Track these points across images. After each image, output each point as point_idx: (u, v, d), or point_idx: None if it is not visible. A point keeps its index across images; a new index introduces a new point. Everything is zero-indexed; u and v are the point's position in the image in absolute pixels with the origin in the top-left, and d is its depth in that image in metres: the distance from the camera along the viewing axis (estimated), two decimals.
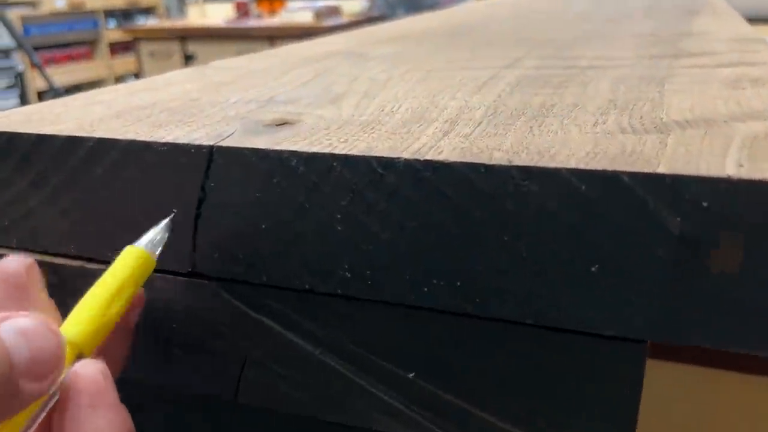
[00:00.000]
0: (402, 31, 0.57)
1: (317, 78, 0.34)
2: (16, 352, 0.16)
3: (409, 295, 0.20)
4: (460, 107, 0.25)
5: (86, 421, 0.17)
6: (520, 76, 0.31)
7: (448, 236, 0.19)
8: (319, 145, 0.21)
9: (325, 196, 0.20)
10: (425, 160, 0.19)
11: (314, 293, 0.22)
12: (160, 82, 0.34)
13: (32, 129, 0.25)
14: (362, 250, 0.21)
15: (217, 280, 0.23)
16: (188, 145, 0.22)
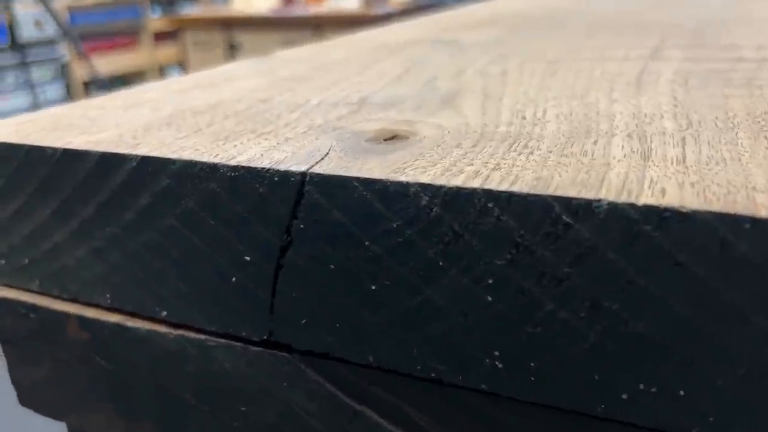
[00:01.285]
0: (488, 15, 0.50)
1: (410, 71, 0.27)
2: None
3: (595, 403, 0.14)
4: (632, 114, 0.18)
5: None
6: (680, 71, 0.24)
7: (674, 324, 0.12)
8: (462, 175, 0.14)
9: (473, 252, 0.14)
10: (645, 206, 0.12)
11: (444, 385, 0.15)
12: (219, 76, 0.28)
13: (58, 141, 0.18)
14: (526, 332, 0.14)
15: (301, 353, 0.17)
16: (270, 170, 0.15)
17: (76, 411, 0.22)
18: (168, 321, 0.18)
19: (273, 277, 0.16)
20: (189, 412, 0.19)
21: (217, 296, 0.17)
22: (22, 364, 0.22)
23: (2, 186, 0.20)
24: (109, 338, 0.19)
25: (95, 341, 0.20)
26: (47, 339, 0.21)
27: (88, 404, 0.21)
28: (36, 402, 0.22)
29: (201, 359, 0.18)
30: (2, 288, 0.21)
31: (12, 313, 0.21)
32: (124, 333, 0.19)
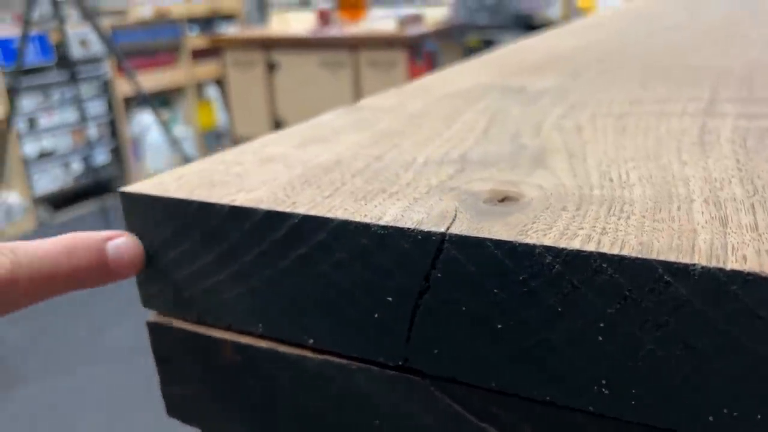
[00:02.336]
0: (545, 56, 0.53)
1: (493, 125, 0.31)
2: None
3: (688, 426, 0.17)
4: (704, 178, 0.22)
5: None
6: (737, 128, 0.27)
7: (753, 364, 0.16)
8: (577, 238, 0.17)
9: (588, 303, 0.17)
10: (732, 271, 0.15)
11: (556, 406, 0.19)
12: (325, 129, 0.31)
13: (224, 198, 0.22)
14: (628, 366, 0.17)
15: (432, 378, 0.20)
16: (414, 230, 0.19)
17: (219, 423, 0.25)
18: (314, 348, 0.22)
19: (411, 315, 0.20)
20: (327, 428, 0.23)
21: (359, 329, 0.21)
22: (175, 381, 0.26)
23: (171, 234, 0.24)
24: (260, 361, 0.23)
25: (247, 363, 0.24)
26: (202, 360, 0.25)
27: (232, 418, 0.25)
28: (182, 413, 0.26)
29: (342, 380, 0.22)
30: (164, 317, 0.25)
31: (171, 338, 0.25)
32: (274, 356, 0.23)
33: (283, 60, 2.56)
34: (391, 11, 2.67)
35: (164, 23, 3.67)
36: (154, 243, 0.24)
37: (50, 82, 3.07)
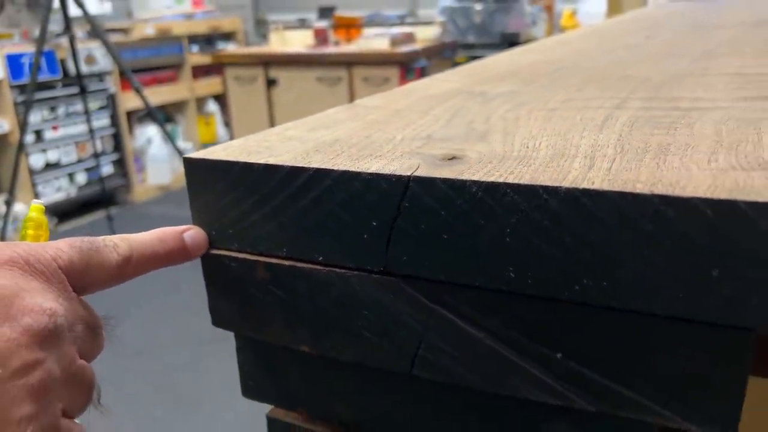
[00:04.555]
0: (507, 69, 0.64)
1: (455, 117, 0.41)
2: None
3: (562, 292, 0.27)
4: (592, 145, 0.32)
5: None
6: (631, 117, 0.37)
7: (597, 248, 0.26)
8: (494, 175, 0.27)
9: (498, 216, 0.27)
10: (583, 189, 0.25)
11: (482, 289, 0.28)
12: (328, 121, 0.41)
13: (260, 159, 0.32)
14: (525, 257, 0.27)
15: (401, 276, 0.30)
16: (390, 175, 0.29)
17: (255, 326, 0.35)
18: (322, 263, 0.32)
19: (388, 235, 0.30)
20: (331, 319, 0.32)
21: (353, 247, 0.31)
22: (220, 296, 0.35)
23: (220, 188, 0.33)
24: (283, 275, 0.33)
25: (274, 278, 0.33)
26: (241, 279, 0.34)
27: (265, 321, 0.35)
28: (225, 322, 0.36)
29: (341, 284, 0.31)
30: (212, 249, 0.35)
31: (217, 264, 0.35)
32: (294, 271, 0.32)
33: (282, 76, 2.67)
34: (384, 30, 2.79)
35: (166, 41, 3.79)
36: (209, 195, 0.34)
37: (56, 96, 3.17)
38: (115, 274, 0.30)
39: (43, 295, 0.26)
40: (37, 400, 0.24)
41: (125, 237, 0.32)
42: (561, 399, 0.29)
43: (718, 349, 0.25)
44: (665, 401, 0.27)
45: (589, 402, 0.28)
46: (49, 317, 0.25)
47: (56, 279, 0.27)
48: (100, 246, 0.30)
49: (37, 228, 0.32)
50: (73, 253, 0.28)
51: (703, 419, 0.26)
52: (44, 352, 0.25)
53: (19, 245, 0.27)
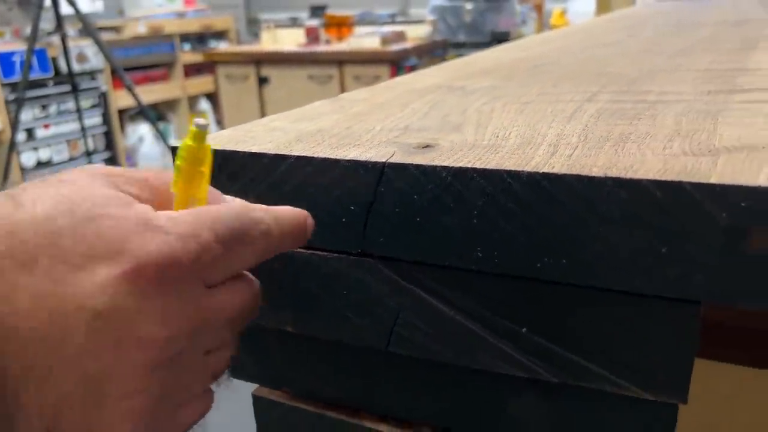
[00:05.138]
0: (489, 65, 0.65)
1: (433, 110, 0.43)
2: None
3: (526, 271, 0.29)
4: (558, 134, 0.33)
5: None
6: (599, 109, 0.39)
7: (557, 228, 0.27)
8: (461, 162, 0.29)
9: (466, 199, 0.29)
10: (543, 173, 0.27)
11: (454, 269, 0.30)
12: (312, 113, 0.43)
13: (242, 148, 0.34)
14: (492, 237, 0.29)
15: (378, 257, 0.32)
16: (366, 161, 0.31)
17: None
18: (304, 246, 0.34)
19: (365, 219, 0.31)
20: (313, 299, 0.34)
21: (333, 230, 0.32)
22: None
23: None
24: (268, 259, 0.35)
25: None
26: None
27: None
28: None
29: (324, 265, 0.33)
30: None
31: None
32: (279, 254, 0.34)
33: (273, 74, 2.69)
34: (375, 29, 2.81)
35: (158, 39, 3.80)
36: None
37: (48, 95, 3.17)
38: (250, 265, 0.27)
39: (163, 316, 0.23)
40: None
41: (275, 218, 0.28)
42: (527, 371, 0.30)
43: (668, 322, 0.27)
44: (621, 372, 0.29)
45: (553, 374, 0.30)
46: (161, 349, 0.23)
47: (189, 291, 0.24)
48: (248, 234, 0.26)
49: (193, 163, 0.26)
50: (216, 250, 0.25)
51: (656, 388, 0.28)
52: (153, 381, 0.23)
53: (156, 236, 0.23)
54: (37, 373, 0.22)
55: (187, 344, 0.24)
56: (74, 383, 0.22)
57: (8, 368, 0.21)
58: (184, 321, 0.24)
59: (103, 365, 0.22)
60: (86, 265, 0.22)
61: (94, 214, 0.23)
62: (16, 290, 0.21)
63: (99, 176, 0.26)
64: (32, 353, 0.21)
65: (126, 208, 0.24)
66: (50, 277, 0.22)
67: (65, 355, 0.22)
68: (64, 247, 0.22)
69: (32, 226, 0.22)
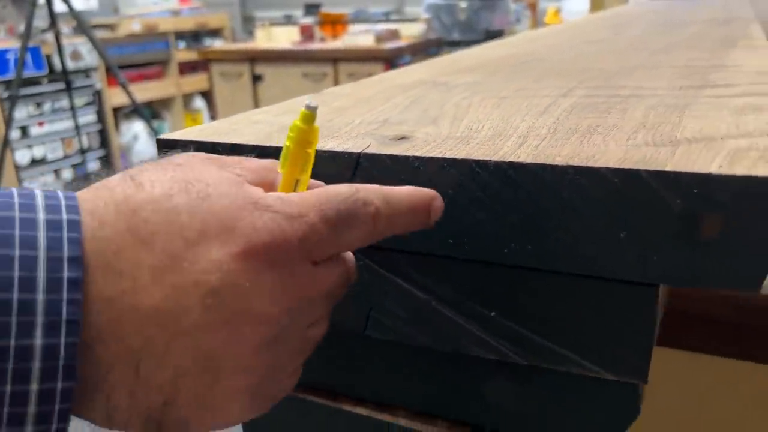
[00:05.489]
0: (474, 62, 0.67)
1: (413, 104, 0.44)
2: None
3: (494, 255, 0.30)
4: (529, 127, 0.35)
5: None
6: (573, 103, 0.40)
7: (522, 215, 0.29)
8: (433, 153, 0.30)
9: (437, 187, 0.30)
10: (509, 162, 0.28)
11: (427, 255, 0.32)
12: (295, 106, 0.44)
13: (225, 140, 0.35)
14: (462, 224, 0.30)
15: None
16: (343, 152, 0.32)
17: None
18: None
19: None
20: None
21: None
22: None
23: None
24: None
25: None
26: None
27: None
28: None
29: None
30: None
31: None
32: None
33: (268, 72, 2.70)
34: (369, 27, 2.82)
35: (153, 37, 3.80)
36: None
37: (42, 92, 3.17)
38: (357, 246, 0.27)
39: (272, 293, 0.24)
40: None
41: (385, 200, 0.27)
42: (497, 354, 0.32)
43: (628, 305, 0.28)
44: (586, 353, 0.30)
45: (522, 356, 0.31)
46: (271, 325, 0.24)
47: (297, 269, 0.25)
48: (355, 217, 0.26)
49: (301, 144, 0.27)
50: (324, 231, 0.25)
51: (618, 369, 0.29)
52: (263, 357, 0.25)
53: (265, 215, 0.24)
54: (156, 348, 0.22)
55: (293, 320, 0.25)
56: (190, 358, 0.23)
57: (129, 343, 0.22)
58: (292, 298, 0.25)
59: (218, 341, 0.23)
60: (201, 241, 0.23)
61: (207, 193, 0.24)
62: (137, 267, 0.22)
63: (209, 159, 0.27)
64: (152, 328, 0.22)
65: (237, 188, 0.25)
66: (167, 253, 0.22)
67: (182, 331, 0.22)
68: (180, 223, 0.23)
69: (151, 204, 0.23)
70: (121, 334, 0.22)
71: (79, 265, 0.21)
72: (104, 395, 0.22)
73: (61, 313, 0.20)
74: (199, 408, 0.24)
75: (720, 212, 0.25)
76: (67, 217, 0.22)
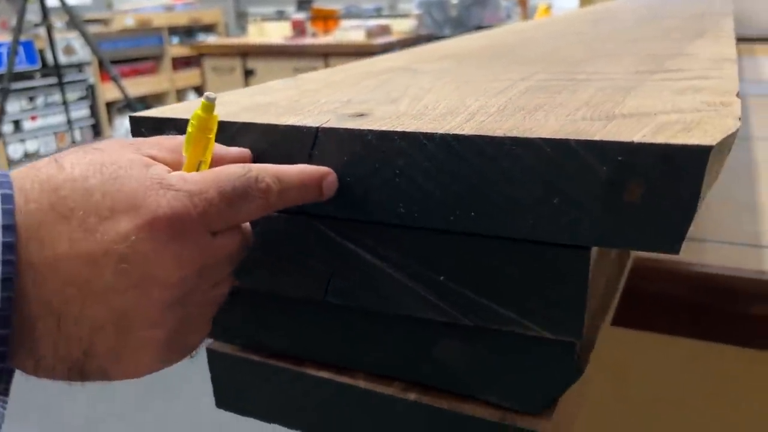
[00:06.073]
0: (451, 51, 0.69)
1: (380, 87, 0.46)
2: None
3: (441, 223, 0.32)
4: (481, 106, 0.37)
5: None
6: (529, 86, 0.43)
7: (466, 184, 0.31)
8: (384, 126, 0.32)
9: (389, 160, 0.32)
10: (453, 134, 0.31)
11: (380, 224, 0.34)
12: (269, 89, 0.46)
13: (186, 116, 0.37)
14: (412, 194, 0.32)
15: (314, 216, 0.35)
16: (302, 126, 0.34)
17: None
18: None
19: None
20: (255, 255, 0.37)
21: None
22: None
23: None
24: None
25: None
26: None
27: None
28: None
29: (263, 223, 0.36)
30: None
31: None
32: None
33: (260, 66, 2.71)
34: (361, 22, 2.84)
35: (146, 32, 3.81)
36: None
37: (35, 86, 3.18)
38: (252, 218, 0.31)
39: (175, 260, 0.28)
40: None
41: (275, 177, 0.31)
42: (447, 316, 0.34)
43: (562, 267, 0.30)
44: (526, 314, 0.32)
45: (469, 318, 0.33)
46: (175, 287, 0.28)
47: (198, 238, 0.28)
48: (248, 192, 0.30)
49: (202, 130, 0.31)
50: (221, 206, 0.29)
51: (555, 327, 0.32)
52: (170, 314, 0.29)
53: (168, 193, 0.28)
54: (74, 306, 0.26)
55: (197, 282, 0.29)
56: (104, 315, 0.27)
57: (50, 302, 0.26)
58: (194, 263, 0.29)
59: (128, 301, 0.27)
60: (111, 216, 0.27)
61: (118, 174, 0.28)
62: (57, 238, 0.26)
63: (126, 144, 0.31)
64: (69, 289, 0.26)
65: (145, 169, 0.28)
66: (83, 227, 0.26)
67: (96, 292, 0.26)
68: (94, 201, 0.27)
69: (71, 184, 0.27)
70: (44, 294, 0.26)
71: (13, 232, 0.25)
72: (31, 346, 0.26)
73: None
74: (114, 358, 0.28)
75: (641, 178, 0.27)
76: (1, 192, 0.25)
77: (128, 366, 0.28)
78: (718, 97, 0.36)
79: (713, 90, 0.38)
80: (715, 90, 0.38)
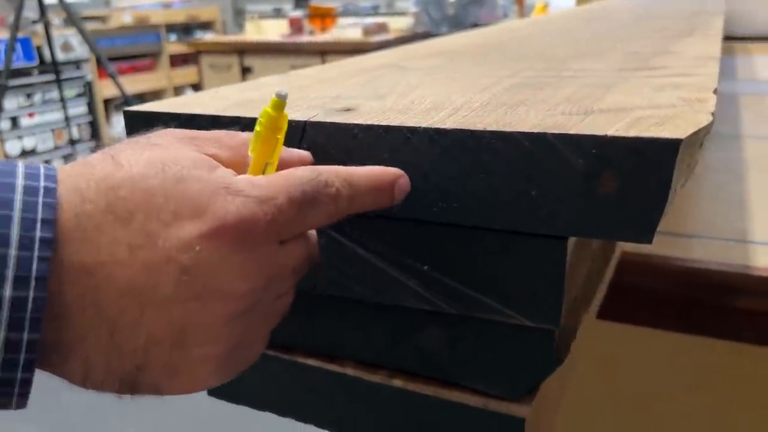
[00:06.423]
0: (442, 48, 0.70)
1: (369, 83, 0.47)
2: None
3: (424, 214, 0.33)
4: (465, 101, 0.38)
5: None
6: (514, 83, 0.44)
7: (448, 175, 0.32)
8: (371, 121, 0.34)
9: (375, 152, 0.33)
10: (435, 128, 0.32)
11: (368, 217, 0.35)
12: (260, 85, 0.47)
13: (186, 111, 0.38)
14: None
15: None
16: (291, 120, 0.35)
17: None
18: None
19: None
20: None
21: None
22: None
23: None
24: None
25: None
26: None
27: None
28: None
29: None
30: None
31: None
32: None
33: (257, 64, 2.72)
34: (358, 20, 2.85)
35: (144, 29, 3.81)
36: None
37: (32, 83, 3.19)
38: (320, 225, 0.30)
39: (242, 271, 0.26)
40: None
41: (345, 182, 0.30)
42: (430, 304, 0.35)
43: (541, 257, 0.31)
44: (507, 302, 0.33)
45: (452, 306, 0.34)
46: (239, 301, 0.26)
47: (265, 248, 0.27)
48: (318, 198, 0.28)
49: (271, 129, 0.29)
50: (291, 213, 0.27)
51: (534, 316, 0.33)
52: (231, 330, 0.27)
53: (236, 199, 0.26)
54: (130, 317, 0.24)
55: (262, 294, 0.28)
56: (162, 328, 0.25)
57: (105, 311, 0.24)
58: (260, 275, 0.27)
59: (188, 314, 0.25)
60: (174, 222, 0.25)
61: (182, 175, 0.26)
62: (115, 243, 0.24)
63: (185, 140, 0.29)
64: (126, 299, 0.24)
65: (210, 171, 0.27)
66: (144, 232, 0.24)
67: (154, 303, 0.24)
68: (156, 204, 0.25)
69: (130, 184, 0.25)
70: (98, 302, 0.24)
71: (51, 228, 0.23)
72: (81, 356, 0.24)
73: (31, 269, 0.22)
74: (169, 374, 0.26)
75: (615, 171, 0.28)
76: (44, 185, 0.24)
77: (183, 382, 0.26)
78: (695, 94, 0.37)
79: (692, 87, 0.39)
80: (694, 87, 0.39)
